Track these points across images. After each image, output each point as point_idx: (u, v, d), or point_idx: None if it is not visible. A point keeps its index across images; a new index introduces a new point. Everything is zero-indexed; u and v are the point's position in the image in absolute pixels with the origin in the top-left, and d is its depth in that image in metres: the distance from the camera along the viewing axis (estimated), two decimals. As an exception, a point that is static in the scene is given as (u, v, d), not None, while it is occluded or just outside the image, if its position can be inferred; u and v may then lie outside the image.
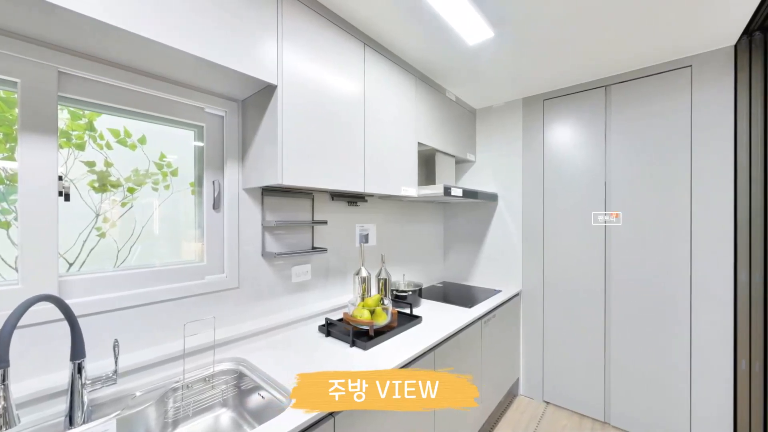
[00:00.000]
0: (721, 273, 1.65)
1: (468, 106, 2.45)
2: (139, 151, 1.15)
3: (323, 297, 1.69)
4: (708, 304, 1.68)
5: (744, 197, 1.57)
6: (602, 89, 2.00)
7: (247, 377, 1.14)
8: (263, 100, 1.21)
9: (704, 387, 1.69)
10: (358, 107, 1.47)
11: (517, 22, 1.44)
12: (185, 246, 1.28)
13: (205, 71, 1.09)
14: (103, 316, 1.01)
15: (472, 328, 1.70)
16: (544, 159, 2.22)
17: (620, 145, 1.94)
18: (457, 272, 2.67)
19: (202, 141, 1.29)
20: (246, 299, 1.37)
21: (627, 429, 1.93)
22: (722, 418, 1.64)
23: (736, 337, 1.61)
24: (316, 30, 1.29)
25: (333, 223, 1.73)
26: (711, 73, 1.67)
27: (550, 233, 2.20)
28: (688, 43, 1.61)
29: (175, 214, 1.26)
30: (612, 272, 1.97)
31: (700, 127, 1.70)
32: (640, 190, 1.88)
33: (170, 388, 1.05)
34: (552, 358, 2.20)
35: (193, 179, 1.29)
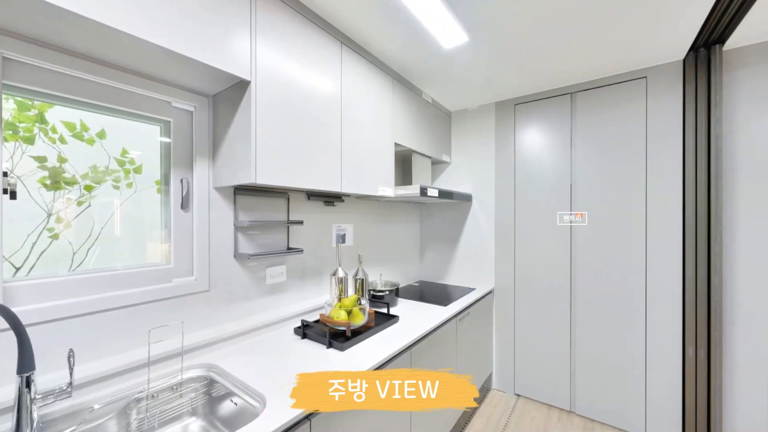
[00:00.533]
0: (672, 269, 1.80)
1: (444, 108, 2.50)
2: (97, 147, 1.07)
3: (299, 298, 1.66)
4: (660, 297, 1.83)
5: (691, 200, 1.72)
6: (568, 96, 2.11)
7: (218, 383, 1.09)
8: (236, 95, 1.17)
9: (657, 373, 1.84)
10: (335, 106, 1.46)
11: (490, 29, 1.49)
12: (150, 248, 1.20)
13: (172, 64, 1.03)
14: (57, 324, 0.93)
15: (448, 326, 1.73)
16: (516, 161, 2.31)
17: (584, 149, 2.06)
18: (433, 271, 2.71)
19: (169, 137, 1.22)
20: (217, 302, 1.31)
21: (590, 416, 2.05)
22: (673, 400, 1.79)
23: (684, 327, 1.76)
24: (291, 27, 1.26)
25: (309, 223, 1.70)
26: (663, 85, 1.82)
27: (521, 233, 2.29)
28: (643, 55, 1.74)
29: (139, 214, 1.18)
30: (577, 269, 2.08)
31: (654, 134, 1.84)
32: (602, 192, 2.00)
33: (133, 399, 0.98)
34: (523, 352, 2.29)
35: (159, 177, 1.22)
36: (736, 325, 1.67)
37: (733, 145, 1.67)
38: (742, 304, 1.66)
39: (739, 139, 1.66)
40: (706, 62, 1.68)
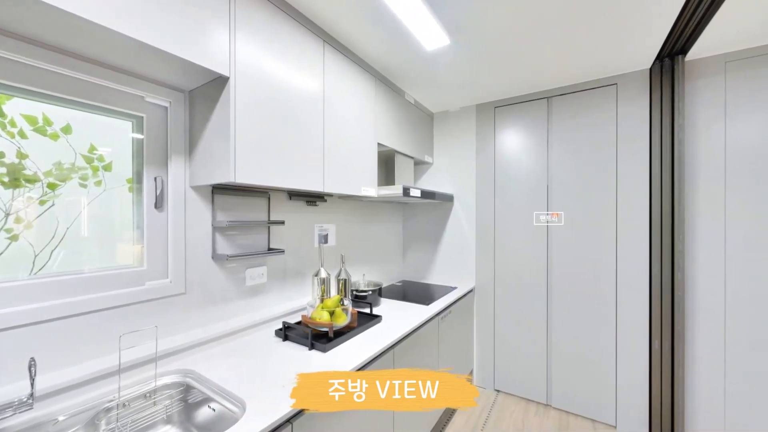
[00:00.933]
0: (639, 266, 1.90)
1: (426, 109, 2.53)
2: (62, 142, 1.01)
3: (280, 300, 1.63)
4: (629, 293, 1.93)
5: (656, 201, 1.83)
6: (545, 100, 2.19)
7: (195, 389, 1.06)
8: (214, 92, 1.13)
9: (626, 365, 1.93)
10: (318, 105, 1.44)
11: (471, 33, 1.52)
12: (121, 249, 1.15)
13: (145, 57, 0.99)
14: (16, 332, 0.87)
15: (430, 325, 1.75)
16: (495, 162, 2.37)
17: (560, 152, 2.14)
18: (415, 271, 2.74)
19: (142, 133, 1.17)
20: (194, 305, 1.27)
21: (566, 409, 2.13)
22: (640, 389, 1.89)
23: (650, 321, 1.86)
24: (273, 23, 1.24)
25: (291, 224, 1.68)
26: (632, 91, 1.92)
27: (501, 232, 2.35)
28: (613, 63, 1.83)
29: (109, 214, 1.12)
30: (553, 267, 2.16)
31: (623, 138, 1.94)
32: (577, 193, 2.09)
33: (102, 409, 0.93)
34: (502, 348, 2.36)
35: (130, 175, 1.16)
36: (696, 318, 1.79)
37: (693, 150, 1.78)
38: (701, 298, 1.77)
39: (699, 144, 1.77)
40: (670, 71, 1.78)
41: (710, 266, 1.75)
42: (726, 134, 1.71)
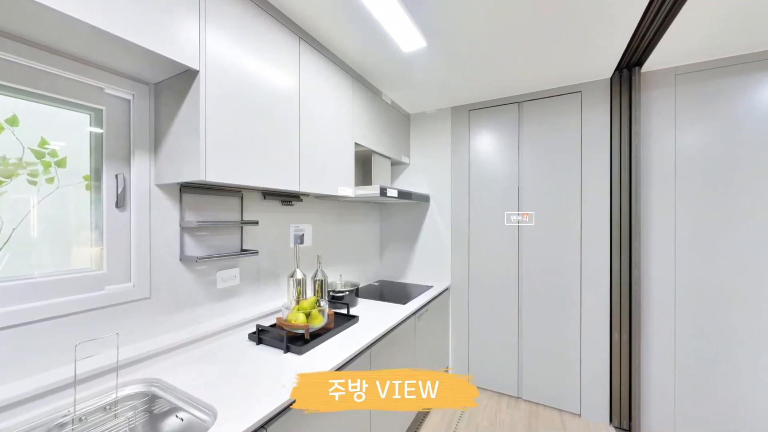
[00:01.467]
0: (601, 263, 2.02)
1: (403, 110, 2.55)
2: (7, 135, 0.92)
3: (254, 303, 1.58)
4: (592, 288, 2.05)
5: (616, 202, 1.96)
6: (516, 105, 2.28)
7: (161, 399, 1.00)
8: (182, 85, 1.08)
9: (590, 355, 2.06)
10: (294, 103, 1.41)
11: (447, 36, 1.55)
12: (77, 251, 1.06)
13: (104, 45, 0.92)
14: (-49, 345, 0.78)
15: (407, 324, 1.77)
16: (470, 164, 2.43)
17: (530, 155, 2.24)
18: (392, 270, 2.75)
19: (101, 127, 1.09)
20: (160, 310, 1.20)
21: (535, 400, 2.23)
22: (602, 378, 2.02)
23: (611, 314, 1.99)
24: (246, 17, 1.20)
25: (265, 224, 1.63)
26: (595, 99, 2.04)
27: (475, 231, 2.42)
28: (578, 71, 1.94)
29: (63, 214, 1.04)
30: (523, 264, 2.25)
31: (587, 143, 2.06)
32: (545, 194, 2.19)
33: (55, 425, 0.86)
34: (476, 344, 2.43)
35: (88, 172, 1.08)
36: (651, 311, 1.93)
37: (648, 155, 1.93)
38: (655, 292, 1.92)
39: (653, 150, 1.92)
40: (628, 81, 1.92)
41: (662, 262, 1.90)
42: (676, 141, 1.87)
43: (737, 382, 1.73)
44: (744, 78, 1.72)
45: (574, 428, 1.98)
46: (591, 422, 2.02)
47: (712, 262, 1.79)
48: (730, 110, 1.75)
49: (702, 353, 1.81)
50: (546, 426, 2.00)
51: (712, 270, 1.79)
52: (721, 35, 1.56)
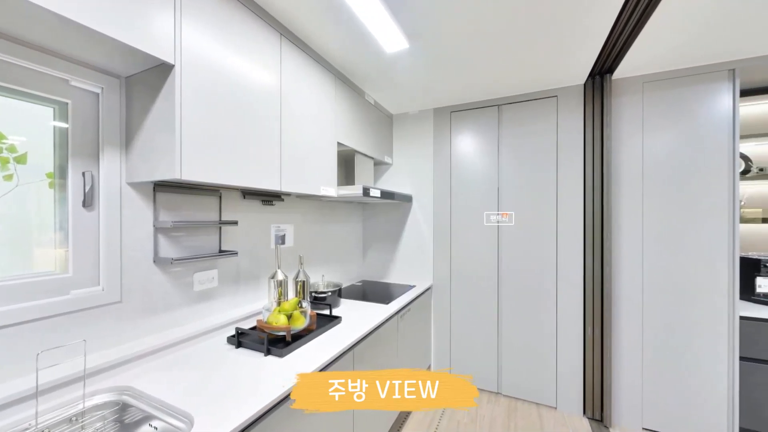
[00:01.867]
0: (575, 261, 2.11)
1: (386, 110, 2.55)
2: (-41, 128, 0.85)
3: (233, 305, 1.54)
4: (567, 286, 2.13)
5: (589, 203, 2.05)
6: (496, 108, 2.33)
7: (132, 407, 0.96)
8: (156, 80, 1.04)
9: (565, 350, 2.14)
10: (274, 100, 1.39)
11: (429, 38, 1.57)
12: (39, 253, 1.00)
13: (69, 34, 0.87)
14: None
15: (389, 324, 1.78)
16: (452, 165, 2.47)
17: (509, 156, 2.30)
18: (375, 270, 2.75)
19: (67, 121, 1.03)
20: (132, 315, 1.15)
21: (514, 395, 2.29)
22: (576, 371, 2.11)
23: (584, 310, 2.08)
24: (224, 11, 1.16)
25: (245, 224, 1.59)
26: (570, 104, 2.12)
27: (456, 231, 2.46)
28: (554, 77, 2.01)
29: (23, 213, 0.97)
30: (503, 263, 2.31)
31: (562, 146, 2.14)
32: (524, 195, 2.26)
33: (15, 439, 0.81)
34: (458, 343, 2.47)
35: (51, 169, 1.02)
36: (620, 306, 2.03)
37: (618, 158, 2.03)
38: (624, 288, 2.02)
39: (623, 153, 2.02)
40: (600, 88, 2.01)
41: (631, 259, 2.01)
42: (643, 145, 1.97)
43: (697, 372, 1.85)
44: (702, 87, 1.84)
45: (550, 421, 2.05)
46: (566, 414, 2.11)
47: (676, 258, 1.90)
48: (691, 117, 1.86)
49: (667, 345, 1.92)
50: (524, 419, 2.07)
51: (676, 266, 1.90)
52: (684, 47, 1.66)
